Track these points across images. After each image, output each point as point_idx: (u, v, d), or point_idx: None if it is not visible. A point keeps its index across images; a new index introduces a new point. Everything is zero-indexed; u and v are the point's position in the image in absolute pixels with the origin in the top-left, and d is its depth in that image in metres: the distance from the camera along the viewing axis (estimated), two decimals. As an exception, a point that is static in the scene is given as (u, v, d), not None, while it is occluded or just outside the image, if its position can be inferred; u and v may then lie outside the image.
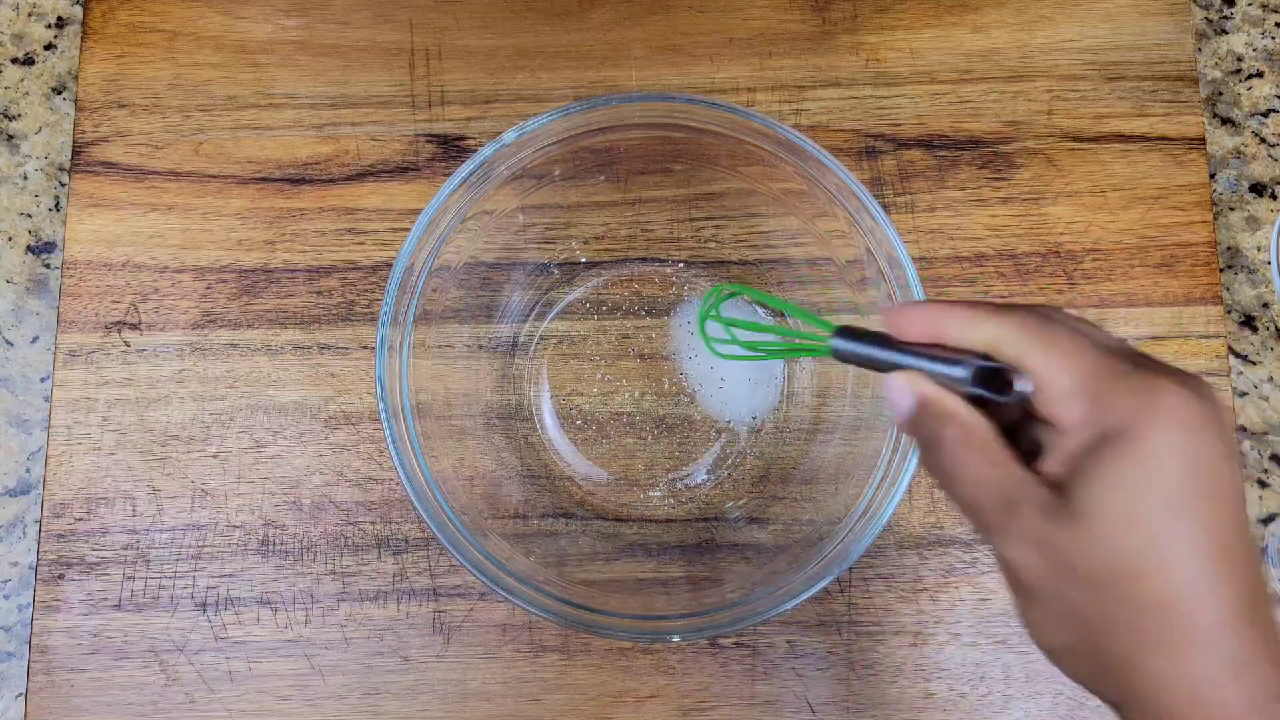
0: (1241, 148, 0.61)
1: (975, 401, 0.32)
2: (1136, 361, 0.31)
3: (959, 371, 0.32)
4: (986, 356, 0.32)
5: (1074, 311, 0.57)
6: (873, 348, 0.33)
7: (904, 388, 0.33)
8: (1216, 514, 0.29)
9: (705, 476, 0.56)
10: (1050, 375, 0.31)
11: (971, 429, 0.32)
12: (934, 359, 0.32)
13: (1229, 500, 0.29)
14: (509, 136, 0.49)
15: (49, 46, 0.62)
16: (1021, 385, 0.31)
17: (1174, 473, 0.29)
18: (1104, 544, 0.29)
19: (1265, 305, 0.59)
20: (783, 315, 0.48)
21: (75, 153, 0.59)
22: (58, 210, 0.60)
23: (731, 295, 0.39)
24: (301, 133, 0.59)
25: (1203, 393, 0.30)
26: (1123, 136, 0.59)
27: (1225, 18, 0.62)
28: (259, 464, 0.56)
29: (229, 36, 0.61)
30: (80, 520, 0.55)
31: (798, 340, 0.35)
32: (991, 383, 0.31)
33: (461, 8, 0.61)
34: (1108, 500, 0.29)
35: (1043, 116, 0.59)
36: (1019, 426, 0.33)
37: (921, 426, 0.33)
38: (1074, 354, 0.31)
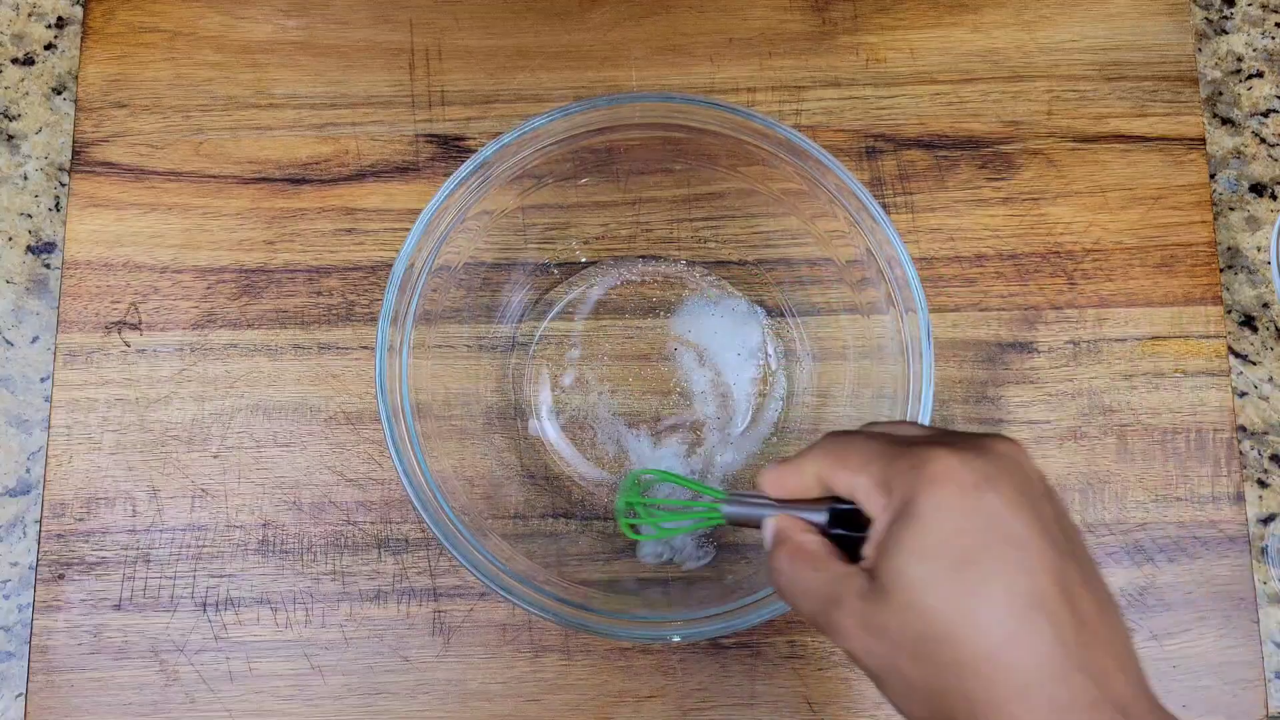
0: (1241, 148, 0.61)
1: (847, 539, 0.36)
2: (917, 440, 0.33)
3: (818, 516, 0.36)
4: (847, 500, 0.35)
5: (1073, 312, 0.57)
6: (754, 507, 0.38)
7: (769, 526, 0.36)
8: (1012, 563, 0.30)
9: (705, 476, 0.56)
10: (849, 485, 0.33)
11: (801, 545, 0.35)
12: (799, 508, 0.36)
13: (1025, 548, 0.30)
14: (509, 137, 0.49)
15: (49, 46, 0.62)
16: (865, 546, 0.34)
17: (950, 529, 0.30)
18: (911, 615, 0.30)
19: (1265, 305, 0.59)
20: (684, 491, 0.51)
21: (75, 153, 0.59)
22: (58, 210, 0.60)
23: (645, 484, 0.46)
24: (301, 133, 0.59)
25: (985, 449, 0.31)
26: (1123, 136, 0.59)
27: (1225, 18, 0.62)
28: (259, 464, 0.56)
29: (229, 36, 0.61)
30: (80, 520, 0.55)
31: (698, 515, 0.40)
32: (853, 521, 0.35)
33: (461, 8, 0.61)
34: (902, 571, 0.31)
35: (1043, 116, 0.59)
36: None
37: (771, 553, 0.36)
38: (865, 458, 0.33)
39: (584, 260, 0.58)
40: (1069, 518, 0.32)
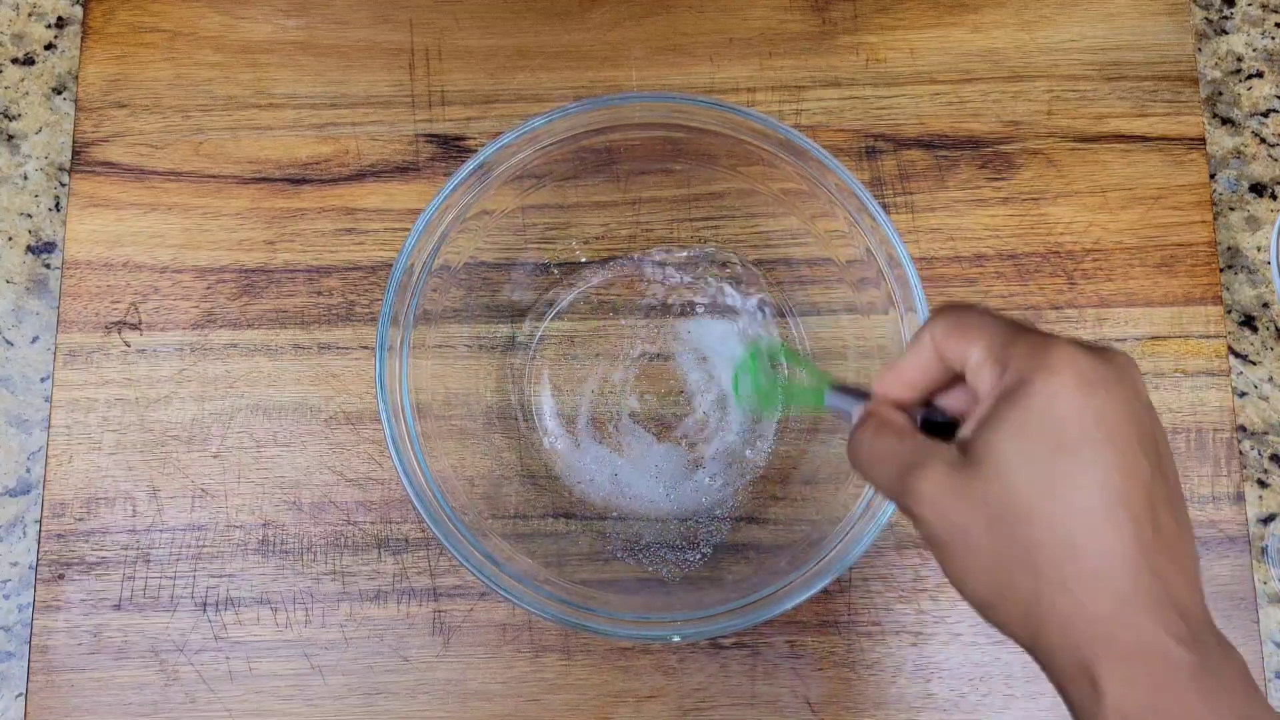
0: (1241, 148, 0.61)
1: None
2: (1039, 330, 0.33)
3: (915, 416, 0.36)
4: (943, 411, 0.36)
5: (1073, 312, 0.57)
6: (854, 399, 0.38)
7: (858, 412, 0.37)
8: (1108, 462, 0.30)
9: (705, 476, 0.56)
10: (963, 354, 0.34)
11: (889, 419, 0.36)
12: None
13: (1124, 451, 0.31)
14: (509, 137, 0.49)
15: (49, 46, 0.62)
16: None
17: (1061, 418, 0.31)
18: (998, 486, 0.31)
19: (1265, 305, 0.59)
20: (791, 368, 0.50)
21: (75, 153, 0.59)
22: (58, 210, 0.60)
23: (764, 356, 0.45)
24: (301, 133, 0.59)
25: (1105, 356, 0.32)
26: (1123, 136, 0.59)
27: (1225, 18, 0.62)
28: (259, 464, 0.56)
29: (229, 36, 0.61)
30: (80, 520, 0.55)
31: (802, 392, 0.41)
32: (942, 430, 0.36)
33: (461, 8, 0.61)
34: (1000, 445, 0.31)
35: (1043, 116, 0.59)
36: None
37: (854, 430, 0.37)
38: (981, 332, 0.33)
39: (584, 260, 0.58)
40: (1166, 441, 0.33)
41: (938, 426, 0.36)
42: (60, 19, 0.62)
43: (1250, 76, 0.61)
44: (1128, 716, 0.29)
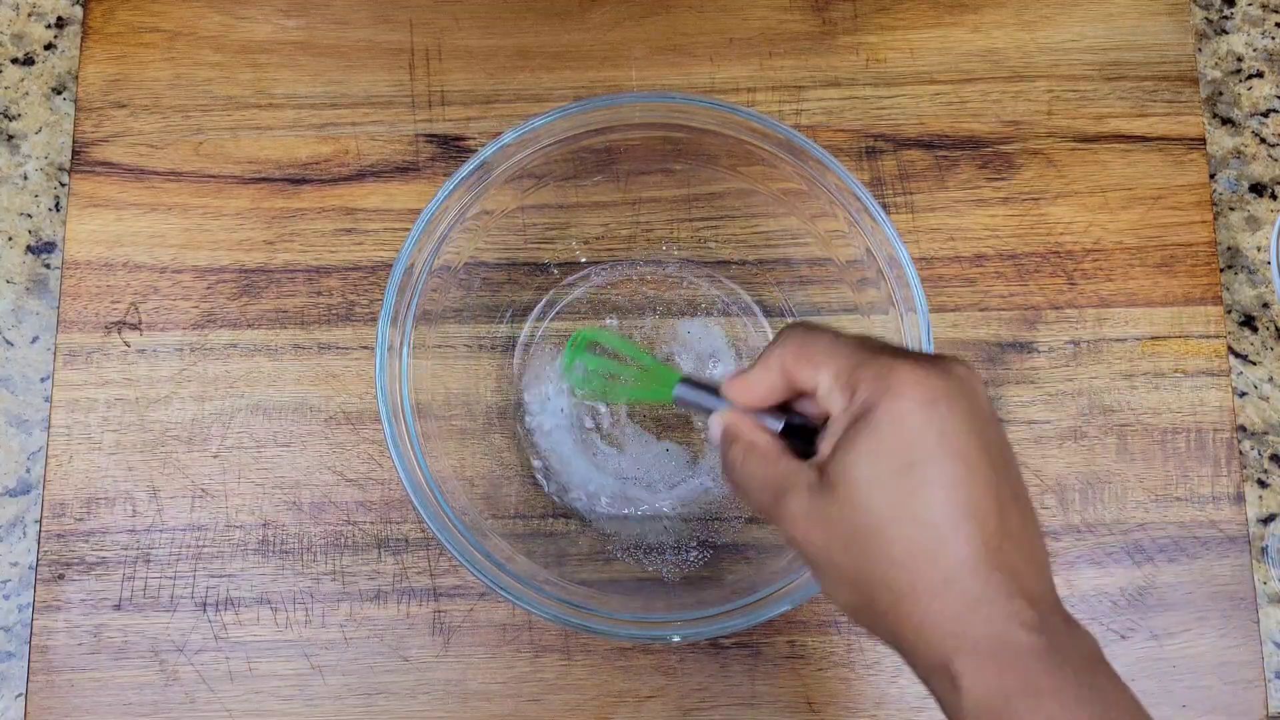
0: (1241, 148, 0.61)
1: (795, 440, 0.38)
2: (884, 350, 0.35)
3: (773, 424, 0.38)
4: (801, 414, 0.38)
5: (1073, 312, 0.57)
6: (707, 397, 0.40)
7: (717, 420, 0.39)
8: (954, 475, 0.32)
9: (705, 476, 0.56)
10: (812, 379, 0.36)
11: (753, 442, 0.37)
12: (756, 413, 0.39)
13: (966, 461, 0.32)
14: (509, 136, 0.49)
15: (49, 46, 0.62)
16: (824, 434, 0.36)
17: (907, 440, 0.33)
18: (852, 507, 0.33)
19: (1265, 305, 0.59)
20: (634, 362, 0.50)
21: (75, 153, 0.59)
22: (58, 210, 0.60)
23: (592, 341, 0.46)
24: (301, 133, 0.59)
25: (944, 369, 0.34)
26: (1123, 136, 0.59)
27: (1225, 18, 0.62)
28: (259, 464, 0.56)
29: (229, 36, 0.61)
30: (80, 520, 0.55)
31: (649, 382, 0.42)
32: (802, 432, 0.37)
33: (461, 8, 0.61)
34: (851, 470, 0.33)
35: (1043, 116, 0.59)
36: None
37: (723, 448, 0.39)
38: (830, 356, 0.35)
39: (584, 260, 0.58)
40: (1007, 442, 0.35)
41: (799, 429, 0.37)
42: (60, 19, 0.62)
43: (1250, 76, 0.62)
44: (981, 700, 0.32)
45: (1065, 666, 0.32)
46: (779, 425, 0.38)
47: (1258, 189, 0.60)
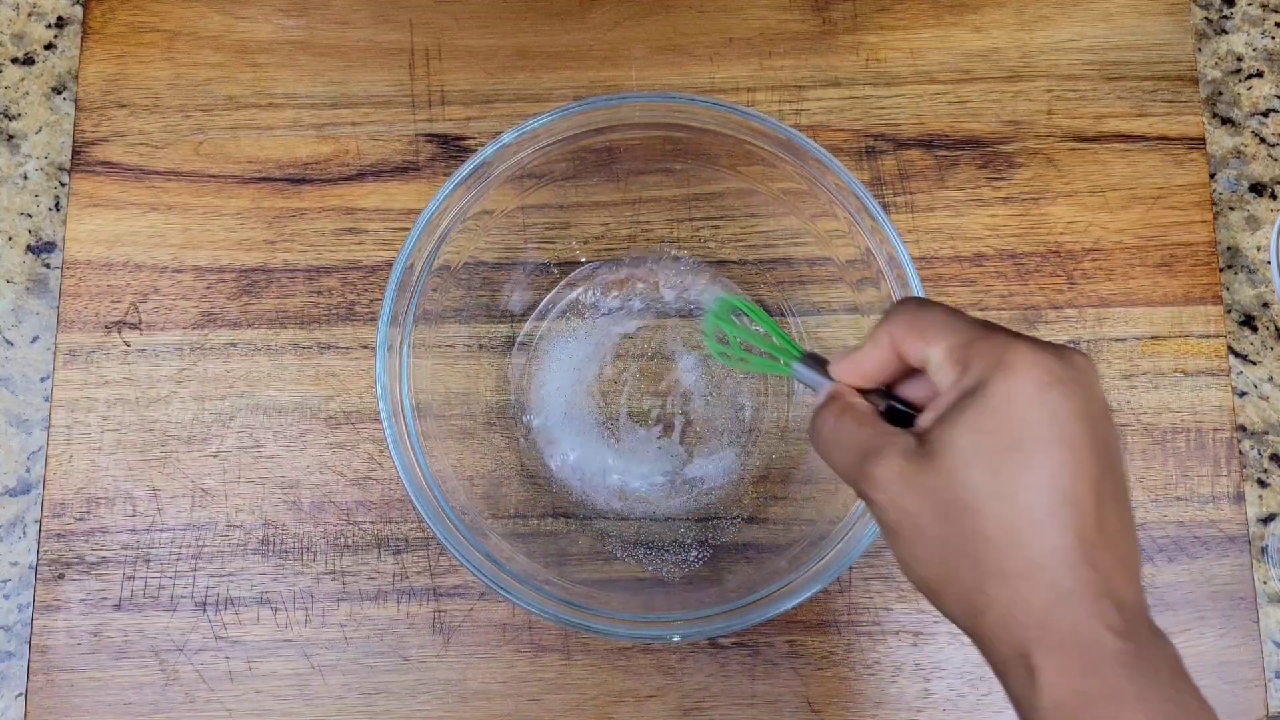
0: (1241, 148, 0.61)
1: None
2: (1001, 329, 0.34)
3: (876, 403, 0.37)
4: (904, 399, 0.37)
5: (1073, 311, 0.57)
6: (819, 376, 0.39)
7: (825, 389, 0.39)
8: (1058, 461, 0.31)
9: (705, 476, 0.56)
10: (923, 353, 0.35)
11: (851, 404, 0.37)
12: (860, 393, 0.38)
13: (1074, 449, 0.32)
14: (509, 136, 0.49)
15: (49, 46, 0.62)
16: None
17: (1016, 418, 0.32)
18: (951, 479, 0.32)
19: (1265, 305, 0.59)
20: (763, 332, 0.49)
21: (75, 153, 0.59)
22: (58, 210, 0.60)
23: (735, 309, 0.46)
24: (301, 133, 0.59)
25: (1063, 356, 0.33)
26: (1123, 136, 0.59)
27: (1225, 18, 0.62)
28: (259, 464, 0.56)
29: (229, 36, 0.61)
30: (80, 520, 0.55)
31: (775, 356, 0.42)
32: (903, 419, 0.37)
33: (461, 8, 0.61)
34: (955, 441, 0.32)
35: (1043, 116, 0.59)
36: None
37: (818, 410, 0.38)
38: (943, 330, 0.34)
39: (584, 260, 0.58)
40: (1118, 442, 0.34)
41: (900, 415, 0.37)
42: (60, 19, 0.62)
43: (1250, 76, 0.62)
44: (1060, 701, 0.31)
45: (1149, 676, 0.31)
46: (881, 405, 0.37)
47: (1258, 189, 0.60)
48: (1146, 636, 0.32)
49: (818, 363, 0.40)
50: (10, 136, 0.61)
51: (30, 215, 0.60)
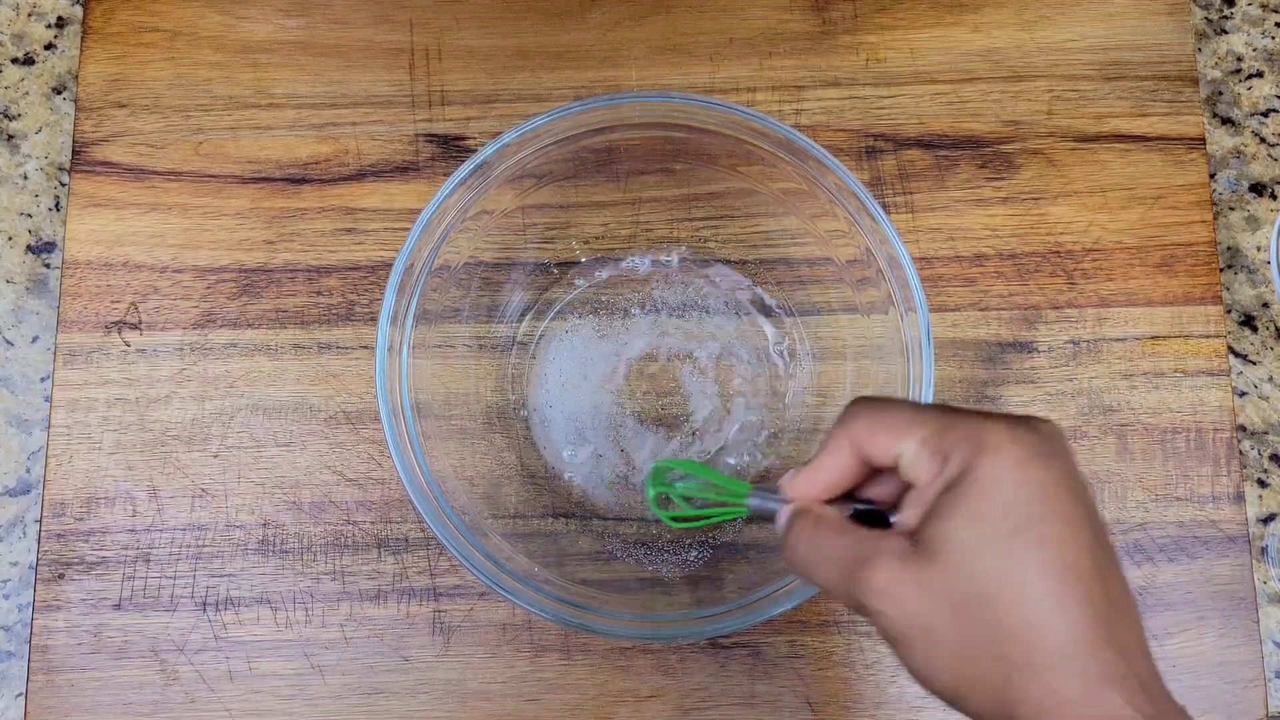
0: (1241, 148, 0.61)
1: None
2: (968, 412, 0.34)
3: (844, 510, 0.37)
4: (867, 500, 0.36)
5: (1073, 311, 0.57)
6: (777, 501, 0.38)
7: (784, 512, 0.37)
8: (1055, 535, 0.31)
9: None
10: (891, 450, 0.34)
11: (821, 516, 0.36)
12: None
13: (1069, 521, 0.31)
14: (509, 136, 0.49)
15: (49, 46, 0.62)
16: (895, 517, 0.35)
17: (1007, 499, 0.31)
18: (959, 574, 0.31)
19: (1265, 305, 0.59)
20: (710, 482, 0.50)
21: (75, 153, 0.59)
22: (58, 210, 0.60)
23: (670, 470, 0.46)
24: (301, 133, 0.59)
25: (1035, 427, 0.33)
26: (1123, 136, 0.59)
27: (1225, 18, 0.62)
28: (259, 464, 0.56)
29: (229, 36, 0.61)
30: (80, 520, 0.55)
31: (724, 504, 0.41)
32: (873, 520, 0.36)
33: (461, 8, 0.61)
34: (955, 534, 0.31)
35: (1043, 116, 0.59)
36: None
37: (787, 529, 0.37)
38: (910, 425, 0.34)
39: (584, 260, 0.58)
40: (1097, 506, 0.33)
41: (866, 516, 0.36)
42: (60, 19, 0.62)
43: (1250, 76, 0.62)
44: None
45: None
46: (847, 512, 0.36)
47: (1258, 189, 0.60)
48: (1173, 715, 0.31)
49: (769, 491, 0.39)
50: (10, 136, 0.61)
51: (30, 215, 0.60)
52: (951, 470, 0.32)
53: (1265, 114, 0.61)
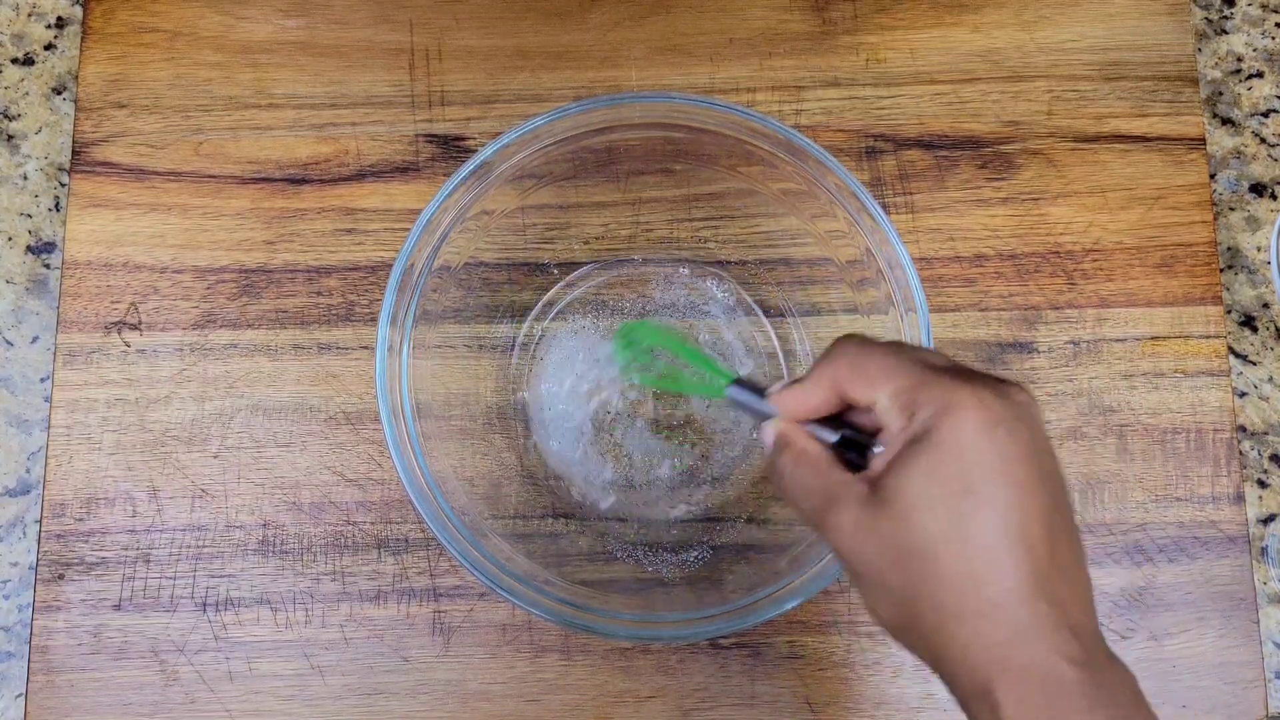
0: (1241, 148, 0.61)
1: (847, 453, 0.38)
2: (945, 371, 0.35)
3: (827, 436, 0.38)
4: (855, 426, 0.38)
5: (1073, 312, 0.57)
6: (759, 401, 0.40)
7: (769, 428, 0.39)
8: (1009, 500, 0.32)
9: (704, 476, 0.56)
10: (868, 395, 0.36)
11: (804, 450, 0.38)
12: (809, 424, 0.39)
13: (1023, 487, 0.32)
14: (509, 136, 0.49)
15: (49, 46, 0.62)
16: (877, 448, 0.36)
17: (964, 461, 0.33)
18: (905, 525, 0.33)
19: (1265, 305, 0.59)
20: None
21: (75, 153, 0.59)
22: (58, 210, 0.60)
23: (640, 333, 0.46)
24: (301, 133, 0.59)
25: (1004, 393, 0.34)
26: (1123, 136, 0.59)
27: (1225, 18, 0.62)
28: (259, 464, 0.56)
29: (229, 36, 0.61)
30: (80, 520, 0.55)
31: (702, 377, 0.42)
32: (853, 445, 0.37)
33: (461, 8, 0.61)
34: (907, 488, 0.33)
35: (1043, 116, 0.59)
36: None
37: (773, 455, 0.39)
38: (888, 375, 0.35)
39: (584, 260, 0.58)
40: (1062, 473, 0.35)
41: (852, 442, 0.37)
42: (60, 19, 0.62)
43: (1250, 76, 0.61)
44: None
45: (1107, 703, 0.32)
46: (833, 437, 0.37)
47: (1258, 189, 0.60)
48: (1103, 664, 0.32)
49: (753, 389, 0.40)
50: (10, 136, 0.61)
51: (30, 215, 0.60)
52: (916, 426, 0.34)
53: (1265, 114, 0.61)
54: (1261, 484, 0.57)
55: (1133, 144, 0.59)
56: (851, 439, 0.37)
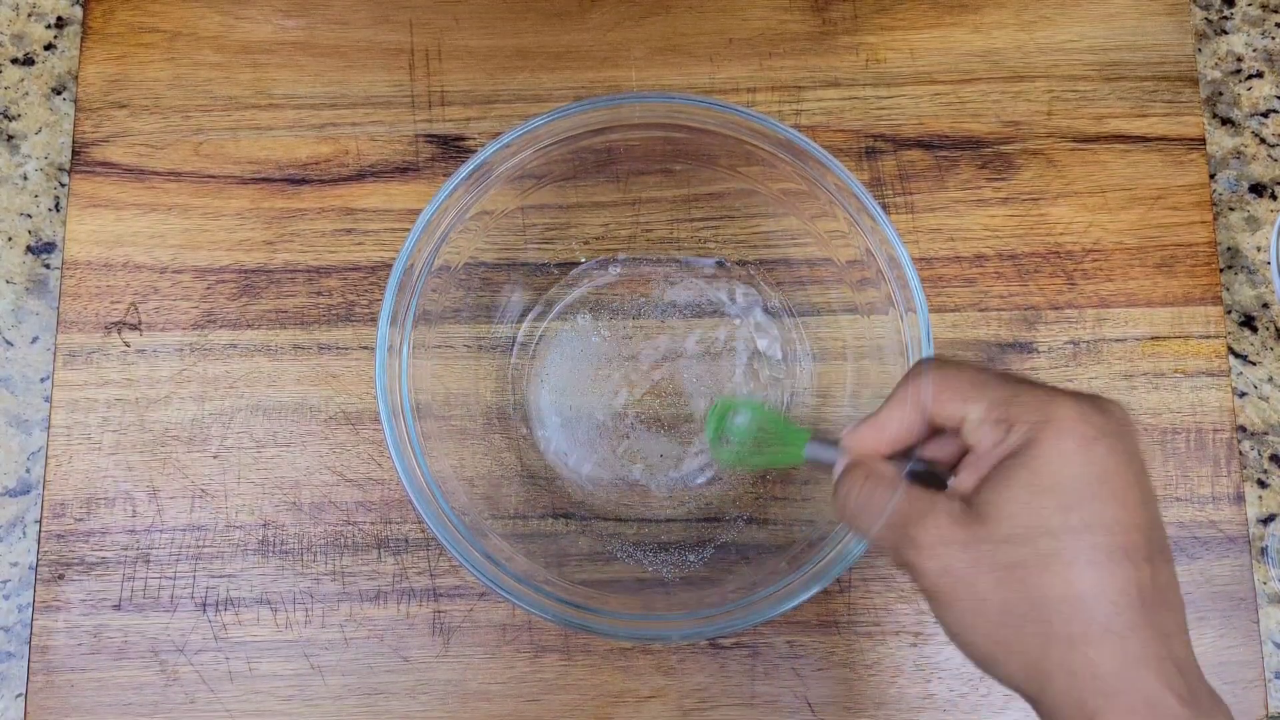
0: (1241, 148, 0.61)
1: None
2: (1039, 385, 0.34)
3: (901, 467, 0.37)
4: (924, 460, 0.37)
5: (1073, 312, 0.57)
6: (834, 450, 0.39)
7: (842, 463, 0.38)
8: (1109, 517, 0.32)
9: (705, 476, 0.56)
10: (958, 413, 0.35)
11: (879, 471, 0.36)
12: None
13: (1126, 505, 0.32)
14: (509, 136, 0.49)
15: (49, 46, 0.62)
16: (951, 480, 0.35)
17: (1068, 476, 0.32)
18: (1008, 540, 0.32)
19: (1265, 305, 0.59)
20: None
21: (75, 153, 0.59)
22: (58, 210, 0.60)
23: (732, 409, 0.46)
24: (301, 133, 0.59)
25: (1103, 408, 0.33)
26: (1123, 137, 0.59)
27: (1225, 18, 0.62)
28: (259, 464, 0.56)
29: (229, 37, 0.61)
30: (80, 520, 0.55)
31: (781, 441, 0.41)
32: (928, 480, 0.36)
33: (461, 8, 0.61)
34: (1007, 501, 0.32)
35: (1043, 116, 0.59)
36: None
37: (841, 479, 0.37)
38: (980, 389, 0.34)
39: (584, 260, 0.58)
40: (1154, 491, 0.34)
41: (921, 476, 0.36)
42: (60, 19, 0.62)
43: (1250, 76, 0.62)
44: None
45: None
46: (903, 470, 0.36)
47: (1258, 189, 0.60)
48: (1205, 701, 0.31)
49: (828, 440, 0.39)
50: (10, 137, 0.61)
51: (30, 215, 0.60)
52: (1014, 440, 0.33)
53: (1265, 114, 0.61)
54: (1261, 484, 0.57)
55: (1133, 144, 0.59)
56: (923, 473, 0.36)
